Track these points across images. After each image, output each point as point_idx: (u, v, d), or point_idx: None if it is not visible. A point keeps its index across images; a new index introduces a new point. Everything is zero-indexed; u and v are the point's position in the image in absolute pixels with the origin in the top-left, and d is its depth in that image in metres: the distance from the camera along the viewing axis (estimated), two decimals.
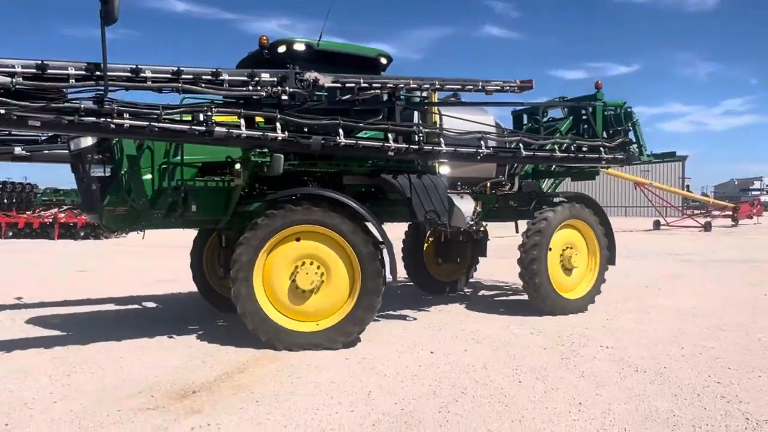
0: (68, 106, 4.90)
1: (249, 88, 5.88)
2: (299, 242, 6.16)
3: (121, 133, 5.24)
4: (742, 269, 13.11)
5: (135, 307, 8.77)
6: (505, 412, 4.24)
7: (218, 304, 8.08)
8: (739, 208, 33.37)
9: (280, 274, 6.10)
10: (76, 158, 6.35)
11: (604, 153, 8.40)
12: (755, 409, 4.27)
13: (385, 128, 6.50)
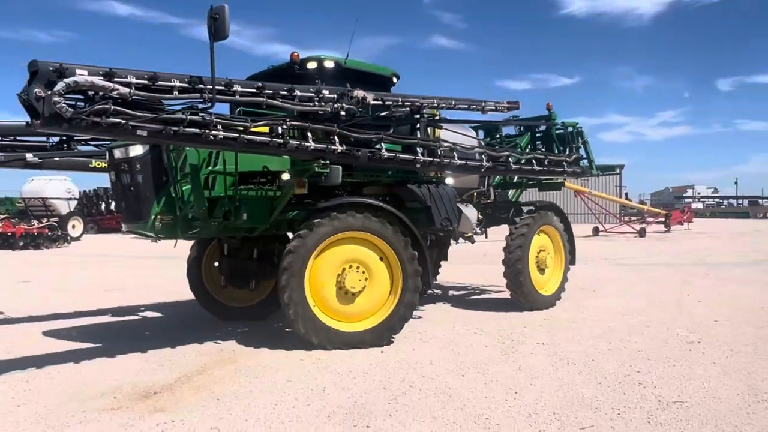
0: (176, 117, 5.11)
1: (314, 103, 6.17)
2: (344, 247, 6.51)
3: (214, 144, 5.45)
4: (669, 272, 14.06)
5: (86, 316, 8.75)
6: (449, 402, 4.65)
7: (218, 313, 8.18)
8: (671, 215, 35.29)
9: (326, 278, 6.43)
10: (122, 166, 6.38)
11: (566, 167, 9.47)
12: (667, 393, 4.83)
13: (415, 142, 6.98)
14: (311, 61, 7.12)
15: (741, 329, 7.31)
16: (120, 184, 6.54)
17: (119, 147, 6.37)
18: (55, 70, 4.52)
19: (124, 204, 6.64)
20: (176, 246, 7.20)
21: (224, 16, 4.97)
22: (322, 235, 6.32)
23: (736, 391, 4.88)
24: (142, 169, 6.27)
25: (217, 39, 5.02)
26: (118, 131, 4.87)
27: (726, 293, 10.39)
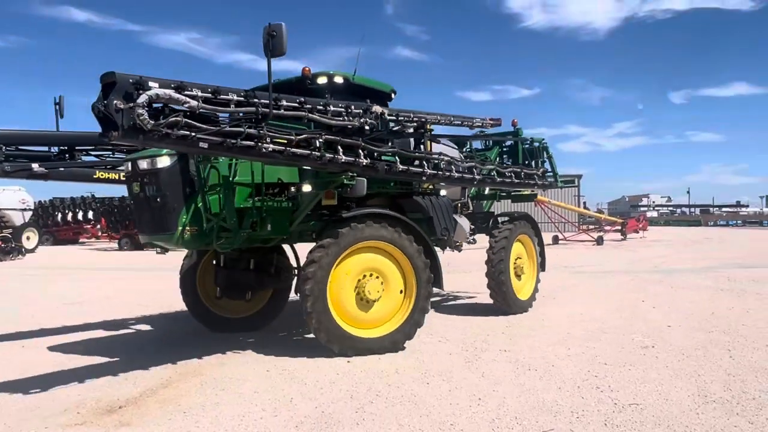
0: (235, 130, 5.19)
1: (344, 118, 6.32)
2: (361, 256, 6.71)
3: (263, 156, 5.54)
4: (625, 279, 14.51)
5: (45, 330, 8.55)
6: (415, 409, 4.76)
7: (212, 325, 8.11)
8: (627, 223, 36.38)
9: (346, 286, 6.61)
10: (148, 178, 6.32)
11: (537, 180, 10.17)
12: (623, 396, 5.04)
13: (422, 156, 7.28)
14: (322, 77, 7.35)
15: (692, 334, 7.63)
16: (144, 196, 6.43)
17: (145, 158, 6.35)
18: (134, 83, 4.61)
19: (147, 216, 6.51)
20: (137, 257, 7.09)
21: (281, 34, 5.20)
22: (344, 245, 6.48)
23: (687, 393, 5.13)
24: (170, 180, 6.28)
25: (274, 55, 5.24)
26: (185, 143, 4.97)
27: (679, 299, 10.80)
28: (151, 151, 6.26)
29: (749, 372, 5.77)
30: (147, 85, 4.66)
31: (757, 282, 13.24)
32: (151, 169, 6.29)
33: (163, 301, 11.15)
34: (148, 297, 11.92)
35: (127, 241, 30.24)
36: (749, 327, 8.05)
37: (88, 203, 37.37)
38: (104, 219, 34.00)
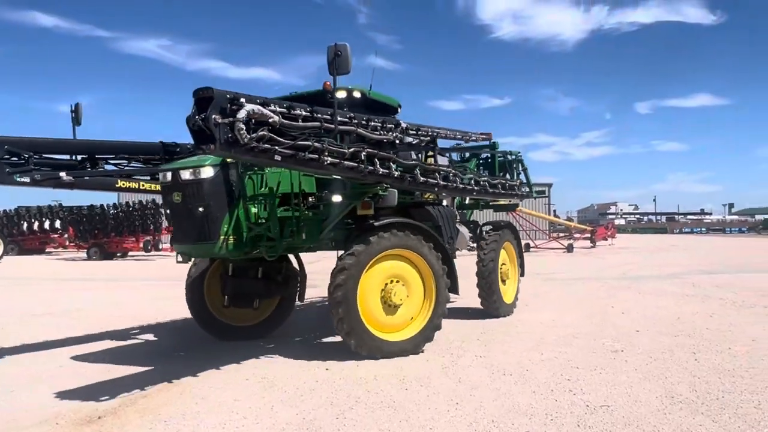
0: (305, 144, 5.50)
1: (380, 132, 6.69)
2: (386, 263, 7.01)
3: (322, 168, 5.85)
4: (595, 285, 14.86)
5: (16, 342, 8.41)
6: (394, 414, 4.85)
7: (219, 334, 8.14)
8: (597, 231, 37.14)
9: (373, 292, 6.89)
10: (191, 188, 6.39)
11: (517, 190, 10.91)
12: (594, 398, 5.22)
13: (435, 168, 7.68)
14: (341, 91, 7.49)
15: (659, 338, 7.89)
16: (186, 205, 6.46)
17: (188, 168, 6.41)
18: (231, 99, 4.89)
19: (188, 225, 6.53)
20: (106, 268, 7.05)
21: (347, 53, 5.61)
22: (374, 252, 6.78)
23: (655, 394, 5.33)
24: (213, 190, 6.38)
25: (339, 73, 5.66)
26: (265, 156, 5.22)
27: (646, 305, 11.12)
28: (195, 162, 6.45)
29: (713, 374, 6.02)
30: (239, 100, 4.93)
31: (720, 288, 13.69)
32: (195, 179, 6.37)
33: (136, 312, 11.05)
34: (120, 308, 11.79)
35: (96, 250, 29.71)
36: (713, 331, 8.35)
37: (55, 212, 36.58)
38: (72, 228, 33.31)
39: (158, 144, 8.14)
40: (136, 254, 31.17)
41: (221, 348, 7.68)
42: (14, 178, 6.52)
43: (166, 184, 6.64)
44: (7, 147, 6.56)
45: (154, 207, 30.19)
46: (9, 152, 6.57)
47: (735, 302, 11.26)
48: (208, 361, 6.85)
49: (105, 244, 29.90)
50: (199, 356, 7.18)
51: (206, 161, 6.33)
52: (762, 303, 11.05)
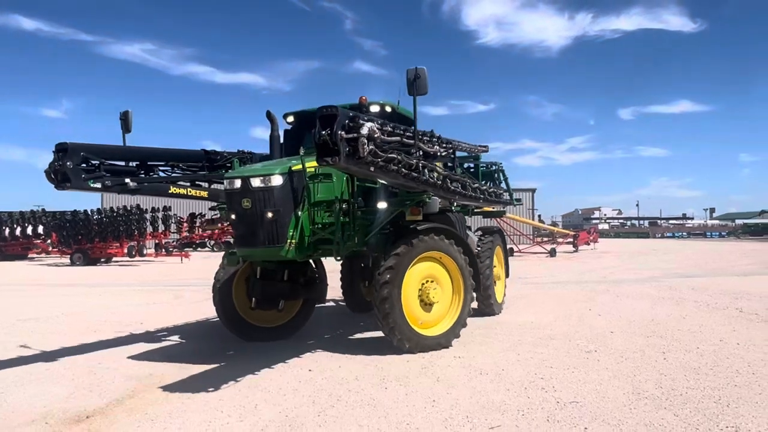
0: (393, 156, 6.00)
1: (429, 144, 7.16)
2: (423, 264, 7.57)
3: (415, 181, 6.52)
4: (575, 289, 15.17)
5: (2, 346, 8.48)
6: (374, 412, 5.06)
7: (245, 334, 8.37)
8: (579, 235, 37.65)
9: (413, 291, 7.45)
10: (261, 194, 6.75)
11: (504, 198, 11.46)
12: (565, 395, 5.47)
13: (458, 178, 8.19)
14: (375, 105, 8.14)
15: (632, 339, 8.18)
16: (255, 211, 6.76)
17: (258, 176, 6.75)
18: (352, 117, 5.52)
19: (256, 230, 6.82)
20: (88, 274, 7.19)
21: (424, 76, 6.21)
22: (416, 254, 7.36)
23: (623, 391, 5.59)
24: (282, 196, 6.80)
25: (418, 94, 6.27)
26: (375, 169, 5.81)
27: (622, 307, 11.43)
28: (265, 170, 6.87)
29: (680, 371, 6.30)
30: (359, 119, 5.52)
31: (696, 290, 14.07)
32: (266, 186, 6.75)
33: (122, 317, 11.16)
34: (105, 313, 11.88)
35: (80, 256, 29.57)
36: (684, 332, 8.66)
37: (37, 217, 36.32)
38: (55, 234, 33.10)
39: (201, 152, 8.61)
40: (120, 260, 31.06)
41: (205, 350, 7.84)
42: (89, 184, 6.84)
43: (235, 191, 6.92)
44: (83, 154, 6.86)
45: (139, 212, 30.13)
46: (84, 159, 6.86)
47: (708, 304, 11.59)
48: (193, 363, 7.01)
49: (89, 250, 29.78)
50: (184, 358, 7.33)
51: (275, 170, 6.78)
52: (734, 305, 11.39)
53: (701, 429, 4.53)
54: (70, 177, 6.69)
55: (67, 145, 6.73)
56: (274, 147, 8.55)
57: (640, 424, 4.65)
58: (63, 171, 6.67)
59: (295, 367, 6.74)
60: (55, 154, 6.75)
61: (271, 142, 8.58)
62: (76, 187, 6.81)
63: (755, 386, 5.69)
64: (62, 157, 6.69)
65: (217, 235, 42.72)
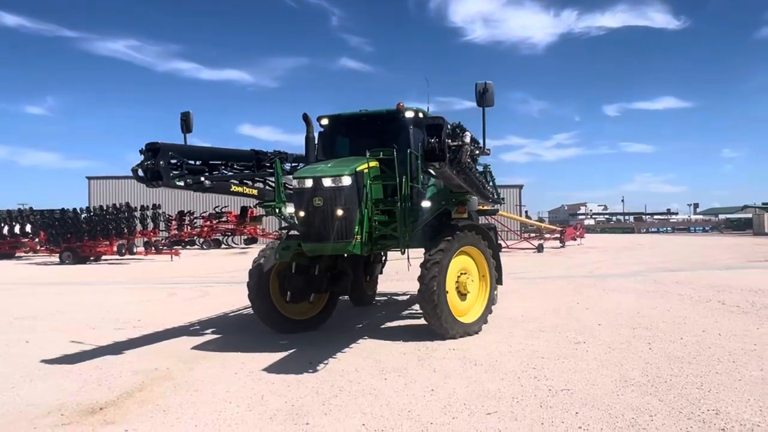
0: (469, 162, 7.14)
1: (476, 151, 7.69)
2: (458, 258, 8.22)
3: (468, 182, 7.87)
4: (562, 283, 15.52)
5: (3, 343, 8.62)
6: (376, 401, 5.32)
7: (279, 326, 8.69)
8: (566, 231, 38.12)
9: (452, 282, 8.10)
10: (333, 193, 7.20)
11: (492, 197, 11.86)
12: (556, 383, 5.76)
13: (483, 181, 9.31)
14: (409, 111, 8.55)
15: (619, 331, 8.50)
16: (326, 209, 7.21)
17: (329, 176, 7.24)
18: (454, 126, 6.45)
19: (327, 226, 7.26)
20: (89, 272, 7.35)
21: (492, 90, 7.01)
22: (456, 248, 8.06)
23: (611, 379, 5.89)
24: (351, 195, 7.26)
25: (486, 106, 7.06)
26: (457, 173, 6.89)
27: (609, 301, 11.78)
28: (335, 170, 7.33)
29: (664, 360, 6.62)
30: (461, 129, 6.44)
31: (680, 284, 14.48)
32: (336, 186, 7.23)
33: (118, 314, 11.31)
34: (101, 310, 12.00)
35: (69, 254, 29.45)
36: (668, 323, 9.01)
37: (25, 216, 36.07)
38: (43, 232, 32.93)
39: (251, 152, 9.01)
40: (110, 258, 31.00)
41: (206, 345, 8.04)
42: (175, 182, 7.14)
43: (306, 190, 7.31)
44: (171, 153, 7.16)
45: (128, 210, 30.08)
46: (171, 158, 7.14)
47: (692, 297, 11.98)
48: (196, 358, 7.22)
49: (78, 248, 29.68)
50: (187, 353, 7.53)
51: (345, 171, 7.21)
52: (716, 298, 11.79)
53: (684, 412, 4.83)
54: (162, 175, 6.97)
55: (159, 145, 7.00)
56: (310, 148, 8.93)
57: (627, 409, 4.95)
58: (156, 169, 6.94)
59: (296, 360, 6.97)
60: (146, 153, 7.00)
61: (306, 143, 8.95)
62: (165, 185, 7.10)
63: (735, 373, 6.02)
64: (153, 156, 6.94)
65: (205, 233, 42.84)
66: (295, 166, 9.65)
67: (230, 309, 11.64)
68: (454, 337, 7.88)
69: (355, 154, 8.29)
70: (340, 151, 9.00)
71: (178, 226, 40.67)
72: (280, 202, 7.74)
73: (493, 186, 12.48)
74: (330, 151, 8.99)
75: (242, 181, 8.66)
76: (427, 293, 7.64)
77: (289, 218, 7.80)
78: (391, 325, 9.50)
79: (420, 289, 7.75)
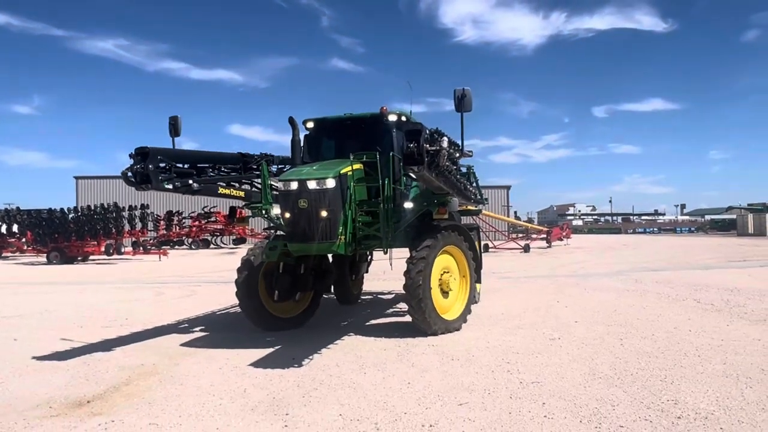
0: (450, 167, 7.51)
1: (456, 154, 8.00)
2: (441, 257, 8.43)
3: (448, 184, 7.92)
4: (545, 283, 15.83)
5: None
6: (353, 393, 5.54)
7: (266, 324, 8.84)
8: (552, 231, 38.53)
9: (435, 280, 8.29)
10: (317, 195, 7.40)
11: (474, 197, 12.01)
12: (527, 377, 6.01)
13: (464, 182, 9.42)
14: (393, 114, 8.78)
15: (594, 328, 8.78)
16: (311, 210, 7.44)
17: (314, 179, 7.45)
18: (432, 132, 6.75)
19: (312, 227, 7.48)
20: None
21: (470, 96, 7.21)
22: (440, 247, 8.28)
23: (580, 372, 6.16)
24: (335, 197, 7.47)
25: (465, 111, 7.25)
26: (439, 175, 7.14)
27: (589, 299, 12.07)
28: (319, 173, 7.52)
29: (633, 355, 6.90)
30: (438, 134, 6.75)
31: (659, 283, 14.82)
32: (321, 188, 7.41)
33: (105, 312, 11.45)
34: (88, 309, 12.13)
35: (57, 254, 29.43)
36: (642, 321, 9.30)
37: (12, 215, 35.93)
38: (30, 232, 32.84)
39: (238, 155, 9.20)
40: (98, 258, 30.99)
41: (192, 342, 8.23)
42: (164, 185, 7.30)
43: (291, 192, 7.52)
44: (160, 157, 7.33)
45: (116, 210, 30.09)
46: (159, 162, 7.30)
47: (669, 296, 12.31)
48: (181, 355, 7.41)
49: (66, 248, 29.66)
50: (173, 350, 7.71)
51: (329, 173, 7.42)
52: (693, 296, 12.11)
53: (645, 402, 5.10)
54: (151, 179, 7.13)
55: (148, 149, 7.16)
56: (296, 151, 9.18)
57: (592, 399, 5.21)
58: (145, 173, 7.09)
59: (281, 356, 7.18)
60: (135, 157, 7.15)
61: (292, 146, 9.22)
62: (154, 188, 7.27)
63: (699, 367, 6.30)
64: (143, 160, 7.10)
65: (194, 233, 42.87)
66: (281, 168, 9.86)
67: (217, 307, 11.81)
68: (435, 333, 8.10)
69: (340, 156, 8.52)
70: (326, 153, 9.22)
71: (166, 226, 40.71)
72: (267, 203, 7.99)
73: (477, 187, 12.79)
74: (316, 154, 9.22)
75: (229, 184, 8.85)
76: (412, 287, 7.88)
77: (275, 219, 8.03)
78: (375, 322, 9.74)
79: (406, 284, 7.99)
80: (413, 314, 8.10)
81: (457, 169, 8.82)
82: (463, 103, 7.12)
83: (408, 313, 8.25)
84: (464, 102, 7.12)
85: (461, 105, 7.15)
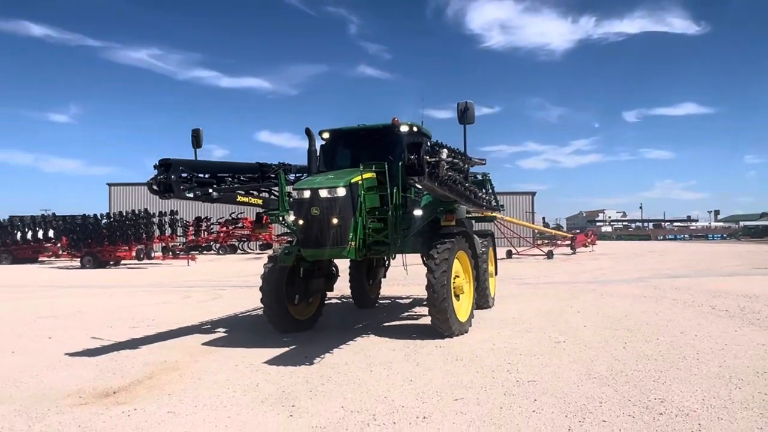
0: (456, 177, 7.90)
1: (460, 163, 8.33)
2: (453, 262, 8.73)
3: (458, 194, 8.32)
4: (562, 288, 15.95)
5: (27, 339, 9.34)
6: (358, 389, 5.90)
7: (287, 327, 9.19)
8: (576, 238, 38.36)
9: (449, 284, 8.56)
10: (328, 203, 7.81)
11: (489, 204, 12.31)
12: (525, 376, 6.28)
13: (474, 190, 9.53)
14: (404, 125, 9.22)
15: (601, 332, 8.97)
16: (323, 217, 7.84)
17: (325, 188, 7.88)
18: (433, 144, 7.17)
19: (324, 233, 7.87)
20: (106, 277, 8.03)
21: (472, 109, 7.67)
22: (456, 251, 8.64)
23: (577, 373, 6.40)
24: (346, 205, 7.88)
25: (467, 123, 7.73)
26: (442, 185, 7.38)
27: (603, 305, 12.20)
28: (331, 182, 7.96)
29: (633, 358, 7.10)
30: (439, 147, 7.09)
31: (678, 289, 14.82)
32: (332, 196, 7.86)
33: (135, 314, 12.04)
34: (119, 310, 12.76)
35: (90, 259, 30.48)
36: (651, 326, 9.44)
37: (48, 221, 37.30)
38: (65, 237, 34.07)
39: (256, 164, 9.72)
40: (129, 263, 32.00)
41: (215, 341, 8.70)
42: (185, 194, 7.81)
43: (304, 200, 7.98)
44: (181, 168, 7.86)
45: (147, 216, 31.07)
46: (181, 172, 7.83)
47: (685, 302, 12.35)
48: (202, 353, 7.87)
49: (98, 253, 30.70)
50: (194, 348, 8.18)
51: (340, 182, 7.88)
52: (709, 303, 12.14)
53: (633, 400, 5.34)
54: (174, 188, 7.63)
55: (171, 161, 7.69)
56: (312, 160, 9.65)
57: (582, 397, 5.47)
58: (168, 183, 7.61)
59: (294, 355, 7.58)
60: (159, 168, 7.67)
61: (309, 156, 9.69)
62: (177, 197, 7.78)
63: (694, 369, 6.49)
64: (166, 171, 7.61)
65: (222, 238, 43.82)
66: (299, 176, 10.30)
67: (241, 310, 12.31)
68: (452, 334, 8.44)
69: (355, 165, 8.90)
70: (341, 162, 9.63)
71: (195, 231, 41.74)
72: (284, 210, 8.40)
73: (492, 193, 13.03)
74: (331, 163, 9.64)
75: (248, 192, 9.31)
76: (437, 286, 8.17)
77: (291, 225, 8.45)
78: (388, 325, 10.09)
79: (429, 283, 8.23)
80: (435, 314, 8.36)
81: (465, 177, 9.13)
82: (466, 115, 7.51)
83: (429, 314, 8.51)
84: (467, 115, 7.51)
85: (464, 117, 7.53)
